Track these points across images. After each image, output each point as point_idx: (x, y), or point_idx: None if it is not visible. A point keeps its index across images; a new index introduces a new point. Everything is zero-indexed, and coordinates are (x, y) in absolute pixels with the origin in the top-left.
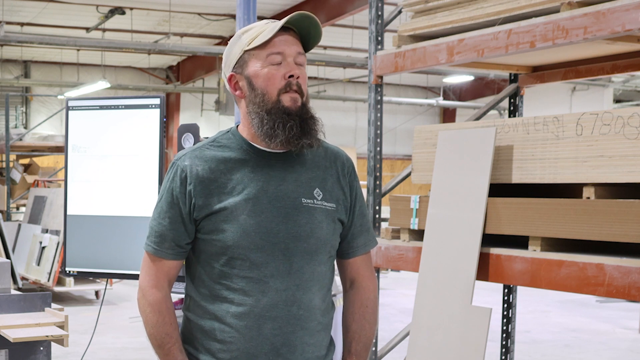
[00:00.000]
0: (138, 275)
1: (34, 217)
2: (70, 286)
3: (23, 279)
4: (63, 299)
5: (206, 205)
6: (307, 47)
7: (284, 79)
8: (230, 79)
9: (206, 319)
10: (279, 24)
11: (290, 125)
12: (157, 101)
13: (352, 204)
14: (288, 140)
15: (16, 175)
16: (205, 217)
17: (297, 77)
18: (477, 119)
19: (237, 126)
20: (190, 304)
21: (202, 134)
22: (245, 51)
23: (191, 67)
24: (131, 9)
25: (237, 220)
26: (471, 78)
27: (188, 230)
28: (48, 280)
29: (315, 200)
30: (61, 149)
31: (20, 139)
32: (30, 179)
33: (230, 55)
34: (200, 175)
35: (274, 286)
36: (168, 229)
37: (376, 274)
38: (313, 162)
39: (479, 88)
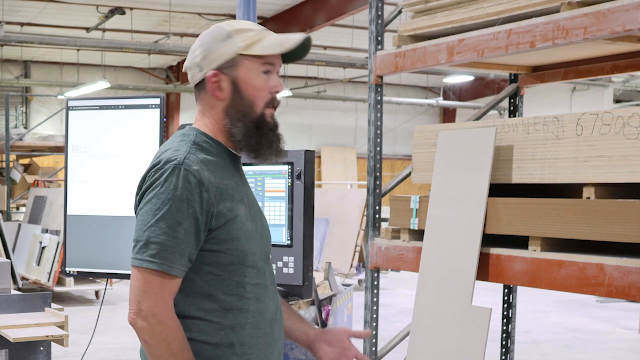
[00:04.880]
0: None
1: (34, 217)
2: (70, 286)
3: (23, 279)
4: (63, 299)
5: (222, 213)
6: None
7: (270, 92)
8: (213, 76)
9: (221, 335)
10: (291, 42)
11: (275, 145)
12: (157, 101)
13: None
14: (269, 156)
15: (16, 175)
16: (221, 226)
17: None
18: (477, 119)
19: (190, 126)
20: (196, 325)
21: None
22: (240, 54)
23: None
24: (131, 9)
25: (245, 227)
26: (471, 78)
27: (201, 242)
28: (48, 280)
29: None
30: (61, 149)
31: (20, 139)
32: (30, 179)
33: (216, 51)
34: (210, 181)
35: (272, 290)
36: (184, 242)
37: (376, 274)
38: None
39: (479, 88)
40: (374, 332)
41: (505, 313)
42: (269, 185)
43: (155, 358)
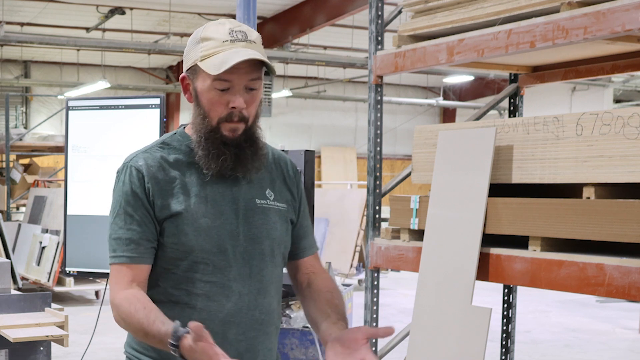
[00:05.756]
0: None
1: (34, 217)
2: (70, 286)
3: (23, 279)
4: (63, 299)
5: (165, 207)
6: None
7: (227, 108)
8: (182, 79)
9: None
10: (227, 65)
11: (223, 158)
12: (157, 101)
13: (299, 205)
14: (220, 171)
15: (16, 175)
16: (165, 220)
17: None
18: (477, 119)
19: (184, 127)
20: None
21: None
22: (197, 64)
23: None
24: (131, 9)
25: (198, 223)
26: (471, 78)
27: (157, 228)
28: (48, 280)
29: (268, 201)
30: (61, 149)
31: (20, 139)
32: (30, 179)
33: (188, 54)
34: (156, 176)
35: (237, 290)
36: (140, 232)
37: (376, 274)
38: None
39: (479, 88)
40: None
41: (505, 313)
42: None
43: (128, 329)
